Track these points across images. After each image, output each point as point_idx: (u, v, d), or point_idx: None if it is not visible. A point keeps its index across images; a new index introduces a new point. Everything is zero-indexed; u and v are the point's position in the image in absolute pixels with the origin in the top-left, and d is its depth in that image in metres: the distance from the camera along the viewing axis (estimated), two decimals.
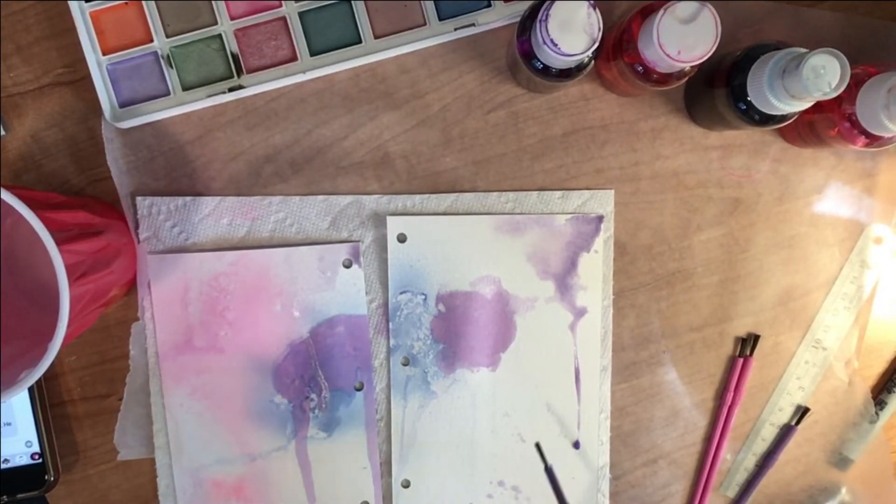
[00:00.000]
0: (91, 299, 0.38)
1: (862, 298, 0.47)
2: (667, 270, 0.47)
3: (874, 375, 0.49)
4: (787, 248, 0.47)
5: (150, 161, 0.45)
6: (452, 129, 0.46)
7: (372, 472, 0.47)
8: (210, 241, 0.45)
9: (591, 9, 0.35)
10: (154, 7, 0.43)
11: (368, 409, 0.46)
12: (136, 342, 0.45)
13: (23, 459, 0.45)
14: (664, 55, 0.35)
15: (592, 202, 0.46)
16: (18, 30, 0.44)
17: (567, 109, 0.46)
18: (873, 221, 0.47)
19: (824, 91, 0.34)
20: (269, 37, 0.44)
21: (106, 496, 0.48)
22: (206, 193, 0.45)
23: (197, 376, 0.46)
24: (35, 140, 0.45)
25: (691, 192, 0.46)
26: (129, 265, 0.44)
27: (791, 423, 0.48)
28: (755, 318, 0.47)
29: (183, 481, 0.46)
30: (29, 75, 0.44)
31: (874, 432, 0.48)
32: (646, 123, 0.46)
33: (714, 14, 0.35)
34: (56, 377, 0.46)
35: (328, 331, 0.46)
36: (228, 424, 0.46)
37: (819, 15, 0.45)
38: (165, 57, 0.44)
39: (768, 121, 0.39)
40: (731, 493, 0.48)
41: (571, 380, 0.47)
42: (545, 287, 0.46)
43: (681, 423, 0.48)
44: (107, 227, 0.41)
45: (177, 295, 0.45)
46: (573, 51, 0.35)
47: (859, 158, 0.46)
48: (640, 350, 0.47)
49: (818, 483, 0.48)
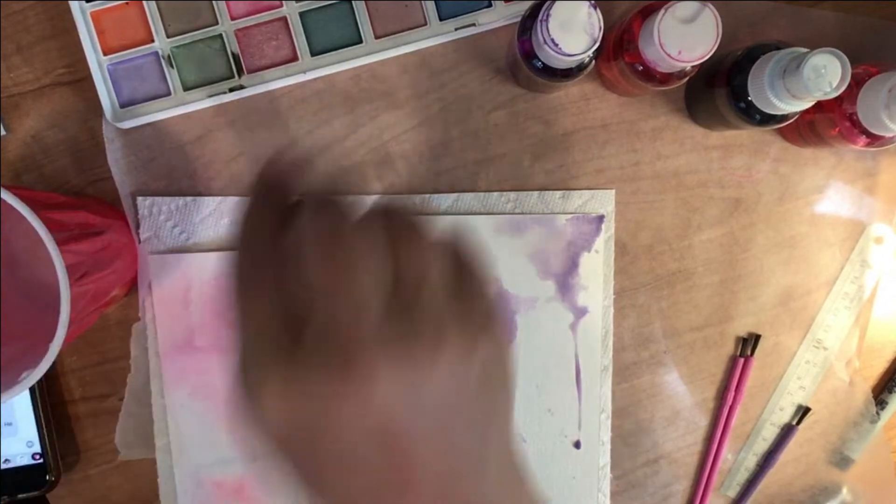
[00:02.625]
0: (92, 299, 0.38)
1: (863, 298, 0.47)
2: (667, 270, 0.47)
3: (875, 375, 0.49)
4: (788, 247, 0.47)
5: (150, 161, 0.45)
6: (453, 129, 0.46)
7: None
8: (211, 241, 0.45)
9: (591, 8, 0.35)
10: (155, 7, 0.43)
11: None
12: (137, 342, 0.45)
13: (24, 459, 0.45)
14: (665, 55, 0.35)
15: (593, 202, 0.46)
16: (19, 30, 0.44)
17: (567, 109, 0.46)
18: (874, 221, 0.47)
19: (825, 91, 0.34)
20: (269, 37, 0.44)
21: (107, 496, 0.48)
22: (207, 193, 0.45)
23: (198, 376, 0.46)
24: (35, 140, 0.45)
25: (692, 191, 0.46)
26: (129, 265, 0.44)
27: (792, 423, 0.48)
28: (756, 318, 0.47)
29: (184, 481, 0.46)
30: (29, 75, 0.44)
31: (875, 432, 0.48)
32: (646, 123, 0.46)
33: (715, 14, 0.35)
34: (57, 377, 0.46)
35: None
36: (229, 425, 0.46)
37: (820, 15, 0.45)
38: (166, 57, 0.44)
39: (769, 120, 0.39)
40: (731, 492, 0.48)
41: (572, 379, 0.47)
42: (546, 287, 0.46)
43: (681, 422, 0.48)
44: (107, 228, 0.41)
45: (178, 295, 0.45)
46: (574, 51, 0.35)
47: (860, 158, 0.46)
48: (641, 350, 0.47)
49: (819, 483, 0.48)
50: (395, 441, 0.20)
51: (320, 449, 0.21)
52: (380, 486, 0.21)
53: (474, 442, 0.22)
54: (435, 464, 0.21)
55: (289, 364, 0.20)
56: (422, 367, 0.20)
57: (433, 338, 0.20)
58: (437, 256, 0.23)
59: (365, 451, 0.20)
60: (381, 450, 0.20)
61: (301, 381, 0.20)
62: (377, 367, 0.19)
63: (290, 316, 0.21)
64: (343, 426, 0.20)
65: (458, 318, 0.21)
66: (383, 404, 0.19)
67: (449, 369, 0.20)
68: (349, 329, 0.20)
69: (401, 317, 0.21)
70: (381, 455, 0.20)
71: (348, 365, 0.19)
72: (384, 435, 0.20)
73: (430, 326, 0.21)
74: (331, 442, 0.20)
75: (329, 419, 0.20)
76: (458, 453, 0.21)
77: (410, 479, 0.21)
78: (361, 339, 0.20)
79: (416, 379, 0.20)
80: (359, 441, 0.20)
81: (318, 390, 0.19)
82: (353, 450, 0.20)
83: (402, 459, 0.20)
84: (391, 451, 0.20)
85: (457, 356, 0.21)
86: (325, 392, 0.19)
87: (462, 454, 0.22)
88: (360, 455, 0.20)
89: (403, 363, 0.20)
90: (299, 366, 0.20)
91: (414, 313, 0.21)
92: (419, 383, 0.20)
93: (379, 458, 0.20)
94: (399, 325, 0.20)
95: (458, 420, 0.21)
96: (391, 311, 0.21)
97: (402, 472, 0.21)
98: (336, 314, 0.20)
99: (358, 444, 0.20)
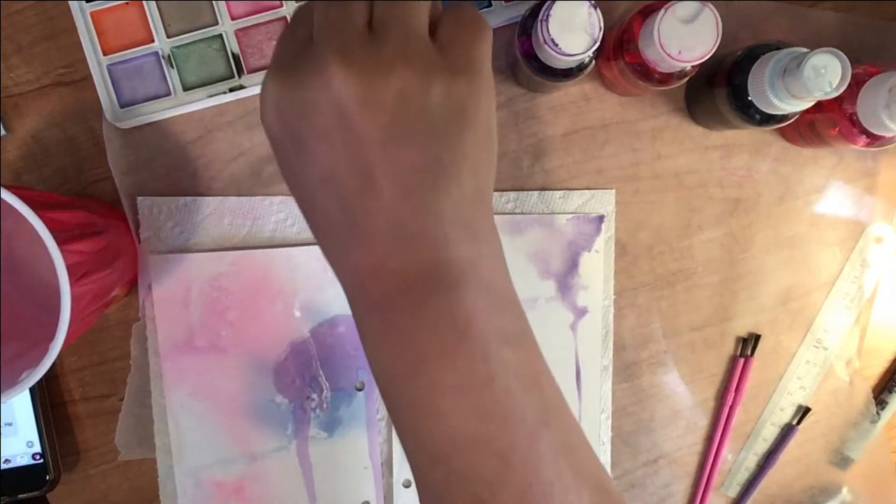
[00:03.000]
0: (92, 299, 0.38)
1: (863, 298, 0.47)
2: (667, 270, 0.47)
3: (875, 375, 0.49)
4: (788, 247, 0.47)
5: (150, 161, 0.45)
6: None
7: (373, 472, 0.47)
8: (211, 241, 0.45)
9: (591, 8, 0.35)
10: (155, 7, 0.43)
11: (370, 408, 0.46)
12: (137, 342, 0.45)
13: (24, 459, 0.45)
14: (665, 55, 0.35)
15: (593, 202, 0.46)
16: (19, 30, 0.44)
17: (567, 109, 0.46)
18: (874, 221, 0.47)
19: (825, 91, 0.34)
20: (269, 37, 0.44)
21: (107, 496, 0.48)
22: (207, 193, 0.45)
23: (198, 376, 0.46)
24: (35, 140, 0.45)
25: (692, 191, 0.46)
26: (129, 265, 0.44)
27: (792, 423, 0.48)
28: (756, 318, 0.47)
29: (184, 481, 0.46)
30: (29, 75, 0.44)
31: (875, 432, 0.48)
32: (646, 123, 0.46)
33: (715, 14, 0.35)
34: (57, 377, 0.46)
35: (329, 331, 0.46)
36: (229, 424, 0.46)
37: (820, 15, 0.45)
38: (166, 57, 0.44)
39: (769, 120, 0.39)
40: (731, 492, 0.48)
41: (572, 379, 0.47)
42: (546, 287, 0.46)
43: (681, 422, 0.48)
44: (107, 228, 0.41)
45: (178, 295, 0.45)
46: (574, 51, 0.35)
47: (860, 158, 0.46)
48: (641, 350, 0.47)
49: (819, 483, 0.48)
50: (354, 124, 0.24)
51: (301, 129, 0.26)
52: (345, 174, 0.25)
53: (436, 170, 0.25)
54: (394, 164, 0.25)
55: (283, 70, 0.26)
56: (375, 73, 0.24)
57: (392, 57, 0.25)
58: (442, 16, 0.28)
59: (331, 131, 0.25)
60: (342, 133, 0.25)
61: (289, 80, 0.26)
62: (334, 63, 0.24)
63: (307, 37, 0.26)
64: (313, 108, 0.25)
65: (425, 54, 0.25)
66: (341, 90, 0.24)
67: (401, 86, 0.24)
68: (329, 32, 0.25)
69: (374, 38, 0.25)
70: (342, 140, 0.25)
71: (317, 58, 0.25)
72: (345, 117, 0.24)
73: (394, 49, 0.25)
74: (307, 122, 0.25)
75: (305, 104, 0.25)
76: (418, 168, 0.25)
77: (372, 171, 0.25)
78: (336, 41, 0.25)
79: (369, 79, 0.24)
80: (324, 119, 0.25)
81: (296, 82, 0.25)
82: (324, 128, 0.25)
83: (362, 149, 0.25)
84: (351, 137, 0.25)
85: (413, 77, 0.25)
86: (302, 82, 0.25)
87: (424, 170, 0.25)
88: (327, 134, 0.25)
89: (358, 66, 0.24)
90: (288, 70, 0.26)
91: (387, 39, 0.25)
92: (371, 84, 0.24)
93: (340, 142, 0.25)
94: (370, 44, 0.25)
95: (413, 139, 0.25)
96: (372, 33, 0.25)
97: (363, 161, 0.25)
98: (326, 17, 0.26)
99: (324, 122, 0.25)
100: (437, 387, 0.25)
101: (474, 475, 0.25)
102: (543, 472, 0.25)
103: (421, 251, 0.26)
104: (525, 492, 0.25)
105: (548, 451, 0.26)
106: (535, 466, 0.25)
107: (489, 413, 0.25)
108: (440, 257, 0.26)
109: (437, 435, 0.26)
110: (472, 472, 0.25)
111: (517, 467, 0.25)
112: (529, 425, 0.25)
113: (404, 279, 0.25)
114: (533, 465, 0.25)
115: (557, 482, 0.25)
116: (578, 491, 0.26)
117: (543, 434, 0.26)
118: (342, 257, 0.27)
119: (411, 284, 0.25)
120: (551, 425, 0.26)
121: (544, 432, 0.26)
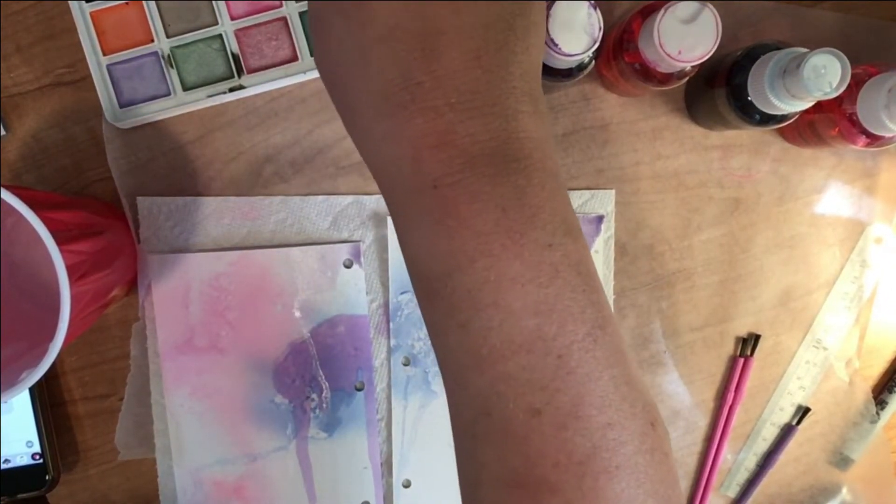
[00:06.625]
0: (92, 299, 0.38)
1: (862, 298, 0.47)
2: (667, 270, 0.47)
3: (875, 375, 0.49)
4: (788, 247, 0.47)
5: (150, 161, 0.45)
6: None
7: (373, 472, 0.47)
8: (211, 242, 0.45)
9: (591, 9, 0.35)
10: (155, 7, 0.43)
11: (369, 409, 0.46)
12: (137, 342, 0.45)
13: (23, 459, 0.45)
14: (665, 55, 0.35)
15: (593, 202, 0.46)
16: (19, 30, 0.44)
17: (567, 109, 0.46)
18: (874, 221, 0.47)
19: (825, 91, 0.34)
20: (269, 37, 0.44)
21: (106, 496, 0.48)
22: (207, 193, 0.45)
23: (197, 376, 0.46)
24: (35, 140, 0.45)
25: (692, 192, 0.46)
26: (129, 265, 0.44)
27: (792, 423, 0.48)
28: (756, 318, 0.47)
29: (184, 481, 0.46)
30: (29, 75, 0.44)
31: (875, 432, 0.48)
32: (646, 123, 0.46)
33: (715, 14, 0.35)
34: (57, 377, 0.46)
35: (329, 331, 0.46)
36: (229, 425, 0.46)
37: (819, 15, 0.45)
38: (166, 57, 0.44)
39: (769, 121, 0.39)
40: (731, 492, 0.48)
41: None
42: None
43: (681, 422, 0.48)
44: (107, 228, 0.41)
45: (177, 295, 0.45)
46: (574, 51, 0.35)
47: (860, 158, 0.46)
48: (641, 350, 0.47)
49: (819, 483, 0.48)
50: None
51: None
52: (410, 27, 0.22)
53: (505, 29, 0.23)
54: (465, 16, 0.22)
55: None
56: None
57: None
58: None
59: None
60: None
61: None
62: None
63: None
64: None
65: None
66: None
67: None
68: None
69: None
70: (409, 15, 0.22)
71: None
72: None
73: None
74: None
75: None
76: (488, 24, 0.23)
77: (441, 24, 0.22)
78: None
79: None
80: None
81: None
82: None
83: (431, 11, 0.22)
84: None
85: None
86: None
87: (495, 27, 0.23)
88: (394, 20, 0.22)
89: None
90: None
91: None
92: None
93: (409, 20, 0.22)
94: None
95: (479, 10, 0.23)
96: None
97: (433, 10, 0.22)
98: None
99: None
100: (500, 277, 0.22)
101: (528, 378, 0.23)
102: (598, 381, 0.23)
103: (492, 122, 0.23)
104: (579, 403, 0.23)
105: (604, 358, 0.23)
106: (589, 374, 0.23)
107: (551, 309, 0.23)
108: (511, 132, 0.23)
109: (493, 333, 0.23)
110: (527, 376, 0.23)
111: (575, 372, 0.23)
112: (588, 327, 0.23)
113: (471, 153, 0.23)
114: (588, 371, 0.23)
115: (613, 393, 0.23)
116: (633, 411, 0.23)
117: (600, 338, 0.23)
118: (395, 129, 0.23)
119: (478, 160, 0.22)
120: (607, 329, 0.24)
121: (601, 336, 0.23)
